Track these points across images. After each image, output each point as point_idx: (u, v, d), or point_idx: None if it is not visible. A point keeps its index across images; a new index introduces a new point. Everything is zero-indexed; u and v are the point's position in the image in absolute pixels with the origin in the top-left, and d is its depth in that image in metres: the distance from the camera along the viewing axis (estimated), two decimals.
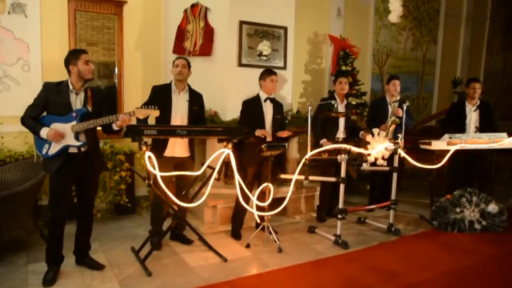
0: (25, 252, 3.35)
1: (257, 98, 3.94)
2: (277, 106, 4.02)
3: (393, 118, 4.33)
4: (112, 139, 4.32)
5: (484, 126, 4.69)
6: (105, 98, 3.17)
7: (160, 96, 3.42)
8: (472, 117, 4.74)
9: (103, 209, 4.28)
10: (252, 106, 3.90)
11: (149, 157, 2.83)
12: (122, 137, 3.10)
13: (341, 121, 4.43)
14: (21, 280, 2.89)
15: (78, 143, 2.86)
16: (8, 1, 4.04)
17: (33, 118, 2.84)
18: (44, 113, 2.89)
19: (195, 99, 3.58)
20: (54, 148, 2.83)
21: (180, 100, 3.51)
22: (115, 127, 2.95)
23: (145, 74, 4.76)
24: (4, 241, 3.19)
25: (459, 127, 4.71)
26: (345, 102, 4.49)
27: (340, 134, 4.43)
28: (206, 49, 4.46)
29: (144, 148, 2.84)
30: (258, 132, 3.76)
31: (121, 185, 4.23)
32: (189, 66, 3.54)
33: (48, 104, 2.86)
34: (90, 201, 3.12)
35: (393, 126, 4.29)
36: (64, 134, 2.81)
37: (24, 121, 2.84)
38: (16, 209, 3.19)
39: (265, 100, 3.92)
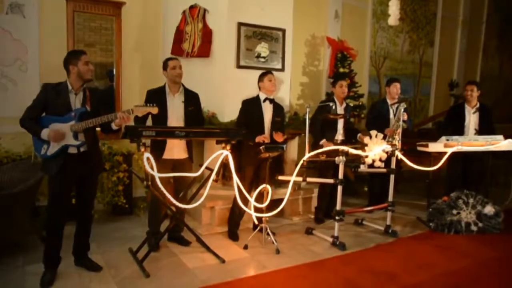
0: (23, 253, 3.33)
1: (256, 99, 3.95)
2: (277, 108, 4.03)
3: (399, 123, 4.27)
4: (111, 140, 4.31)
5: (483, 129, 4.70)
6: (103, 98, 3.17)
7: (155, 100, 3.33)
8: (472, 119, 4.74)
9: (100, 210, 4.27)
10: (251, 106, 3.91)
11: (148, 158, 2.83)
12: (120, 138, 3.09)
13: (340, 123, 4.45)
14: (18, 282, 2.88)
15: (77, 143, 2.85)
16: (6, 1, 4.03)
17: (32, 120, 2.83)
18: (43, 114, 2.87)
19: (191, 100, 3.58)
20: (53, 148, 2.82)
21: (175, 101, 3.50)
22: (114, 126, 2.95)
23: (143, 75, 4.76)
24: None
25: (458, 129, 4.72)
26: (344, 104, 4.52)
27: (339, 136, 4.45)
28: (204, 50, 4.46)
29: (142, 149, 2.84)
30: (258, 139, 3.76)
31: (119, 186, 4.22)
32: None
33: (48, 105, 2.85)
34: (89, 202, 3.12)
35: (399, 131, 4.28)
36: (65, 134, 2.80)
37: (24, 123, 2.83)
38: (13, 210, 3.19)
39: (264, 101, 3.94)
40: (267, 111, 3.94)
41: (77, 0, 4.29)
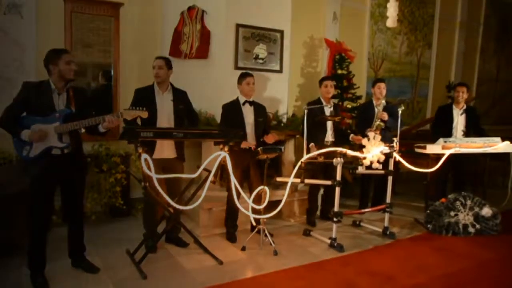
0: (20, 254, 3.30)
1: (236, 102, 3.93)
2: (259, 109, 4.00)
3: (377, 122, 4.37)
4: (108, 141, 4.29)
5: (470, 130, 4.81)
6: (89, 99, 3.07)
7: (143, 99, 3.36)
8: (459, 120, 4.83)
9: (98, 212, 4.25)
10: (231, 110, 3.89)
11: (146, 160, 2.82)
12: (118, 139, 3.08)
13: (329, 124, 4.43)
14: (15, 284, 2.86)
15: (61, 145, 2.78)
16: (3, 2, 4.02)
17: (12, 119, 2.73)
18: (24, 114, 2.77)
19: (179, 98, 3.56)
20: (36, 150, 2.73)
21: (164, 100, 3.49)
22: (101, 129, 2.88)
23: (141, 76, 4.74)
24: None
25: (447, 130, 4.79)
26: (331, 104, 4.50)
27: (329, 137, 4.42)
28: (202, 51, 4.46)
29: (140, 150, 2.83)
30: (244, 145, 3.74)
31: (116, 187, 4.20)
32: (169, 66, 3.51)
33: (29, 105, 2.74)
34: (78, 203, 3.04)
35: (378, 130, 4.32)
36: (47, 133, 2.72)
37: (2, 122, 2.73)
38: (10, 211, 3.17)
39: (243, 104, 3.91)
40: (248, 113, 3.91)
41: (75, 1, 4.29)
